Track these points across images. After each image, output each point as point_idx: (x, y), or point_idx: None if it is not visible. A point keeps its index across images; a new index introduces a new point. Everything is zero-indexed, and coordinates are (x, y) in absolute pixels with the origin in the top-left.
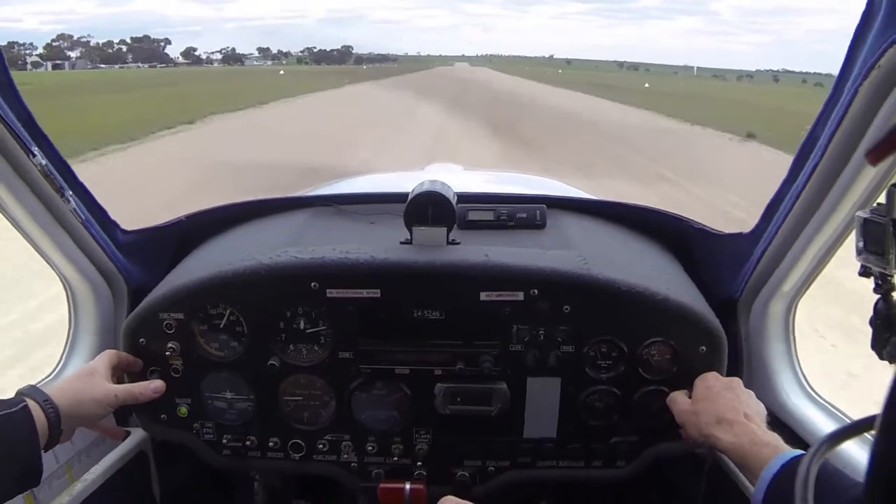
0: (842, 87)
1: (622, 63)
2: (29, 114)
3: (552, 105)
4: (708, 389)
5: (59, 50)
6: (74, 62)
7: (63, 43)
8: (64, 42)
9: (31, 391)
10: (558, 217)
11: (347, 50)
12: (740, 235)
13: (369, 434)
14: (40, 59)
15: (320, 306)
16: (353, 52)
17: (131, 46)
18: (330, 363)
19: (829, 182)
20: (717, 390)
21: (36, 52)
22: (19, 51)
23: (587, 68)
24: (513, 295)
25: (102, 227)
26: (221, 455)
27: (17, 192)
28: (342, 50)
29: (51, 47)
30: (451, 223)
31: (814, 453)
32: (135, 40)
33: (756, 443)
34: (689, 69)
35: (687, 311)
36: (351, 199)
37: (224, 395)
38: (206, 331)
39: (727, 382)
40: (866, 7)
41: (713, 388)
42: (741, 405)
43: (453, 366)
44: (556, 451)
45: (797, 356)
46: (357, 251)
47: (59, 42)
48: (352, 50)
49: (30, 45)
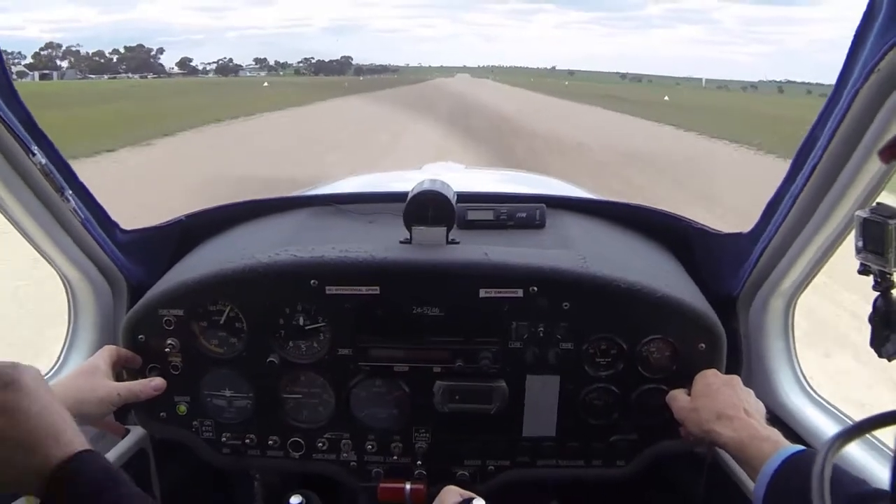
0: (842, 89)
1: (624, 74)
2: (28, 114)
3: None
4: (707, 386)
5: (49, 59)
6: (64, 72)
7: (52, 52)
8: (53, 51)
9: None
10: (558, 217)
11: (347, 61)
12: (739, 235)
13: (369, 433)
14: (27, 68)
15: (319, 303)
16: (352, 62)
17: (123, 55)
18: (329, 360)
19: (828, 182)
20: (717, 387)
21: (24, 61)
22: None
23: (591, 79)
24: (512, 292)
25: (102, 227)
26: (221, 453)
27: (17, 191)
28: (341, 61)
29: (39, 56)
30: (451, 223)
31: (829, 446)
32: (128, 49)
33: (756, 437)
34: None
35: (686, 308)
36: (350, 198)
37: (223, 393)
38: (206, 328)
39: (726, 379)
40: (867, 8)
41: (712, 384)
42: (740, 401)
43: (452, 363)
44: (555, 450)
45: (796, 354)
46: (356, 250)
47: (48, 51)
48: (351, 61)
49: (18, 54)
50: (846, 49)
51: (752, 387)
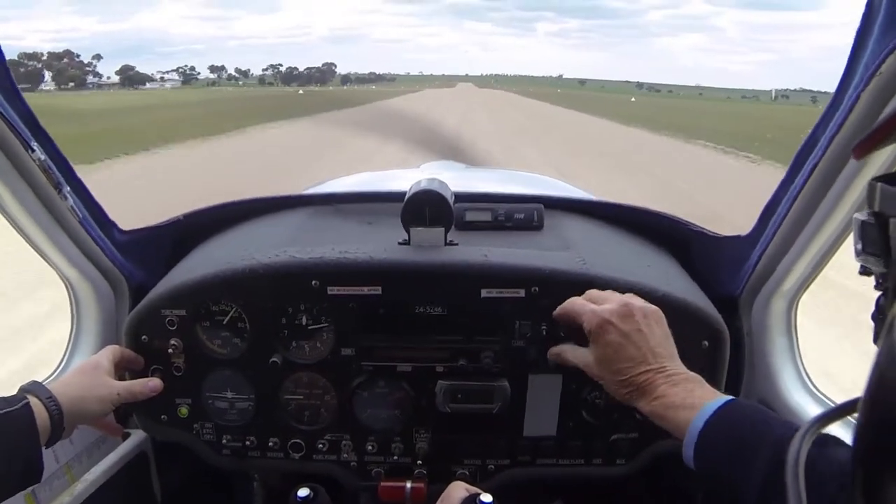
0: (843, 92)
1: (641, 84)
2: (28, 110)
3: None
4: (603, 347)
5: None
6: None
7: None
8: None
9: (34, 387)
10: (556, 218)
11: (329, 68)
12: (738, 237)
13: (369, 433)
14: None
15: (321, 303)
16: (336, 70)
17: (47, 62)
18: (332, 360)
19: (826, 185)
20: (610, 343)
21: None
22: None
23: (608, 89)
24: (514, 291)
25: (100, 226)
26: (221, 455)
27: (15, 187)
28: (322, 68)
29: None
30: (449, 224)
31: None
32: (52, 56)
33: (671, 407)
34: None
35: (688, 306)
36: (349, 198)
37: (225, 395)
38: (209, 328)
39: (618, 324)
40: (866, 9)
41: (602, 340)
42: (644, 352)
43: (455, 362)
44: (556, 449)
45: (799, 352)
46: (356, 252)
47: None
48: (335, 68)
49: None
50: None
51: (754, 384)
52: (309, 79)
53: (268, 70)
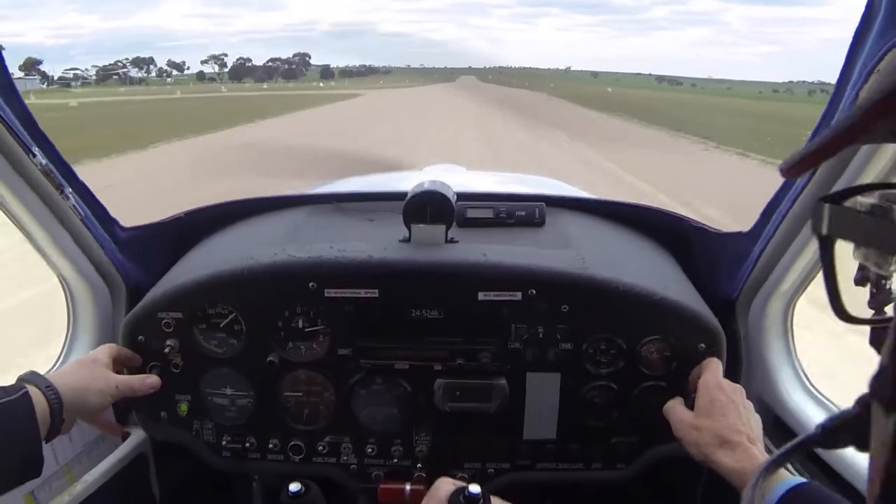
0: (843, 90)
1: (661, 77)
2: (29, 114)
3: None
4: (711, 404)
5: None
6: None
7: None
8: None
9: (32, 377)
10: (557, 215)
11: (303, 59)
12: (739, 234)
13: (369, 435)
14: None
15: (318, 306)
16: (310, 61)
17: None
18: (329, 360)
19: (828, 184)
20: (721, 405)
21: None
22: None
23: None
24: (511, 295)
25: (102, 224)
26: (221, 457)
27: (18, 191)
28: (295, 59)
29: None
30: (450, 221)
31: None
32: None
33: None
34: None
35: (685, 309)
36: (350, 197)
37: (224, 392)
38: (205, 329)
39: (730, 394)
40: (865, 9)
41: (716, 401)
42: (744, 426)
43: (453, 361)
44: (555, 453)
45: (796, 354)
46: (355, 249)
47: None
48: (308, 59)
49: None
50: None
51: (752, 386)
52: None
53: (209, 61)
